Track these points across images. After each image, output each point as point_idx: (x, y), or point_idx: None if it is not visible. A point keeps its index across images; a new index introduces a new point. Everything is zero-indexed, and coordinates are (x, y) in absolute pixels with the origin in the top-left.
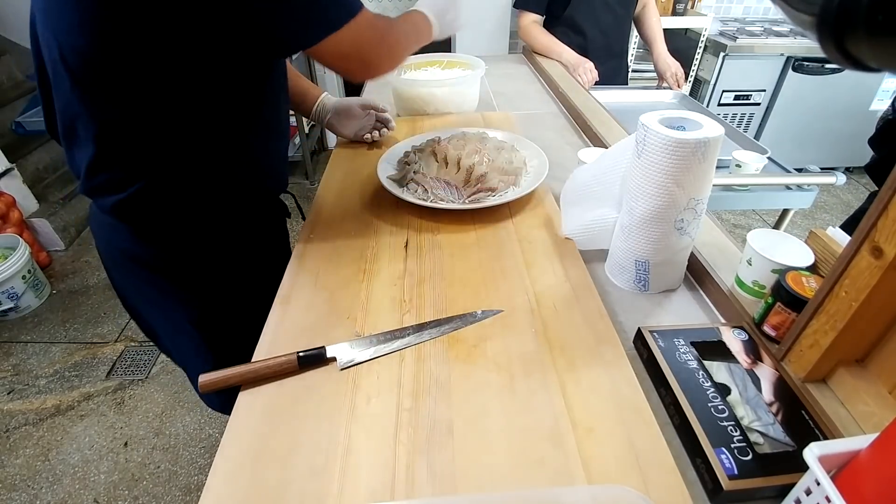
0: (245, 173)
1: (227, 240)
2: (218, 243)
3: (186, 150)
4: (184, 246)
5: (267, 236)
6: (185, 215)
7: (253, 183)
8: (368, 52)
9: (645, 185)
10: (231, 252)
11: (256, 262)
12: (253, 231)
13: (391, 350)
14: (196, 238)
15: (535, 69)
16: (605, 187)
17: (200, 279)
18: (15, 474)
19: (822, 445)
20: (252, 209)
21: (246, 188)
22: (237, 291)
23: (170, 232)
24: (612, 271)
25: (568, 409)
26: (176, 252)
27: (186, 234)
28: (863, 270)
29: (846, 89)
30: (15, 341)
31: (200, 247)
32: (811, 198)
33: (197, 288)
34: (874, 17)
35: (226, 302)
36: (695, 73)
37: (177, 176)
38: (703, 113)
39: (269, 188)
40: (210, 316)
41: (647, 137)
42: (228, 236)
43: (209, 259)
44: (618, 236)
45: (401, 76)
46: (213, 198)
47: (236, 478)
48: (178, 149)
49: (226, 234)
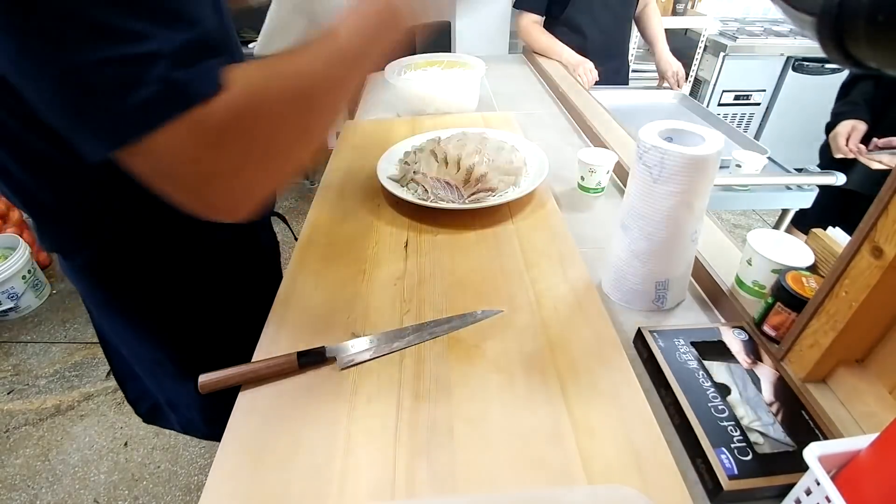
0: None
1: (208, 276)
2: (198, 281)
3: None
4: (160, 291)
5: (253, 267)
6: (151, 263)
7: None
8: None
9: (665, 209)
10: (214, 289)
11: (242, 295)
12: (237, 263)
13: (391, 350)
14: (171, 281)
15: (535, 69)
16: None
17: (179, 318)
18: (15, 474)
19: (822, 445)
20: (232, 240)
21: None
22: (221, 329)
23: (141, 279)
24: (626, 298)
25: (568, 409)
26: (152, 298)
27: (160, 279)
28: (863, 270)
29: None
30: (15, 341)
31: (177, 290)
32: (811, 198)
33: (176, 326)
34: (874, 18)
35: (210, 340)
36: (695, 73)
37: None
38: (700, 114)
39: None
40: (190, 354)
41: (665, 160)
42: (208, 272)
43: (187, 299)
44: (629, 264)
45: (401, 76)
46: (177, 236)
47: (236, 478)
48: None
49: (205, 269)
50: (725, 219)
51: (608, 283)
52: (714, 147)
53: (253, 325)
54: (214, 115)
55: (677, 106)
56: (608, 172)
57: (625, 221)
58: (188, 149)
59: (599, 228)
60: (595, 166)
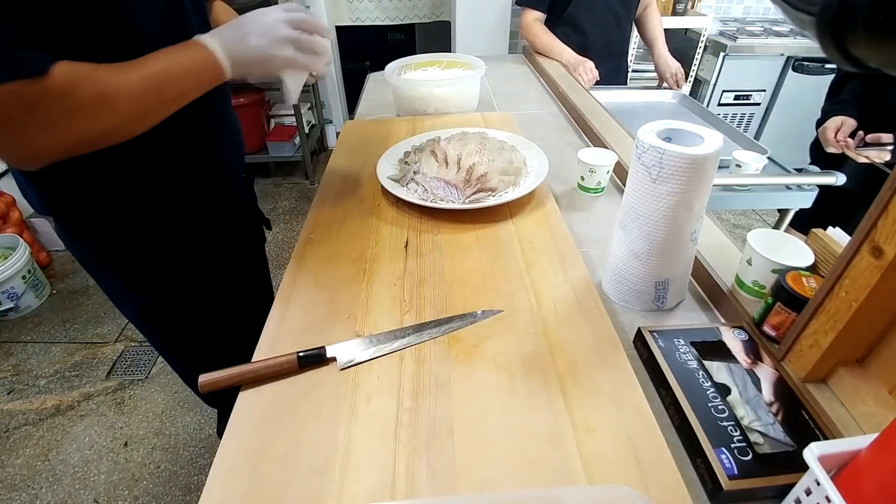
0: (166, 150)
1: (182, 231)
2: (169, 236)
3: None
4: (128, 241)
5: (231, 235)
6: (117, 205)
7: (183, 162)
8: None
9: (664, 209)
10: (188, 245)
11: (222, 263)
12: (214, 224)
13: (391, 350)
14: (139, 230)
15: (535, 69)
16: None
17: (150, 269)
18: (15, 474)
19: (822, 445)
20: (201, 196)
21: (176, 168)
22: (198, 290)
23: (107, 227)
24: (626, 298)
25: (568, 408)
26: (120, 247)
27: (127, 227)
28: (863, 270)
29: None
30: (15, 341)
31: (146, 239)
32: (811, 198)
33: (148, 277)
34: (874, 17)
35: (182, 297)
36: (695, 73)
37: (91, 164)
38: (699, 114)
39: (211, 171)
40: (160, 309)
41: (664, 160)
42: (180, 226)
43: (157, 251)
44: (629, 263)
45: (401, 76)
46: (142, 184)
47: (236, 478)
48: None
49: (177, 223)
50: (725, 219)
51: (608, 283)
52: (713, 147)
53: (243, 308)
54: (29, 91)
55: (677, 106)
56: (608, 172)
57: (624, 221)
58: (3, 110)
59: (599, 228)
60: (595, 166)
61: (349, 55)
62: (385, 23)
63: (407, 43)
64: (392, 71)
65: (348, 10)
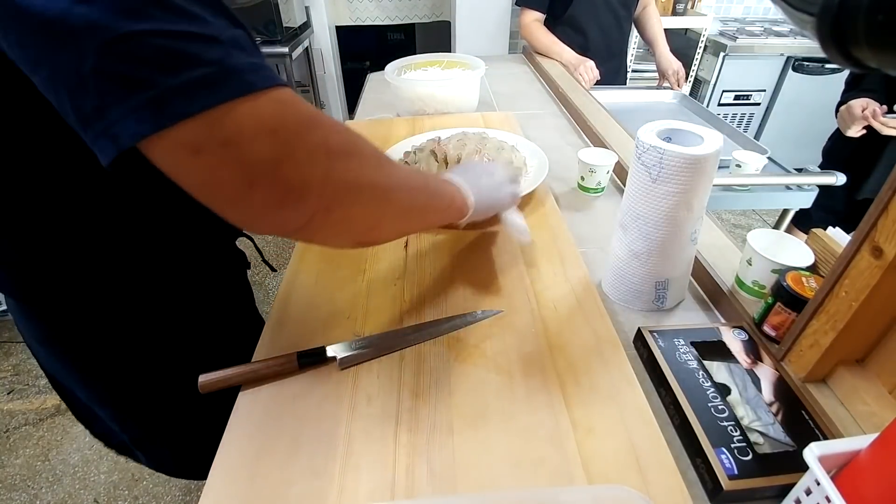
0: (164, 223)
1: (163, 307)
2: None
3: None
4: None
5: (218, 295)
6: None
7: (180, 232)
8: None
9: (664, 209)
10: (169, 322)
11: (206, 328)
12: (196, 291)
13: (391, 350)
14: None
15: (535, 69)
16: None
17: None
18: (15, 474)
19: (822, 445)
20: (187, 265)
21: (170, 240)
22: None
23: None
24: (626, 298)
25: (568, 409)
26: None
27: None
28: (863, 270)
29: None
30: (15, 341)
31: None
32: (811, 198)
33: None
34: (874, 17)
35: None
36: (695, 73)
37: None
38: (699, 114)
39: (207, 237)
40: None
41: (664, 160)
42: (163, 302)
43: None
44: (629, 263)
45: (401, 76)
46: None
47: (236, 478)
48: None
49: (160, 299)
50: (725, 219)
51: (608, 283)
52: (713, 147)
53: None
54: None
55: (677, 106)
56: (608, 172)
57: (624, 221)
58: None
59: (599, 228)
60: (595, 166)
61: (349, 55)
62: (385, 23)
63: (407, 43)
64: (392, 71)
65: (348, 9)
